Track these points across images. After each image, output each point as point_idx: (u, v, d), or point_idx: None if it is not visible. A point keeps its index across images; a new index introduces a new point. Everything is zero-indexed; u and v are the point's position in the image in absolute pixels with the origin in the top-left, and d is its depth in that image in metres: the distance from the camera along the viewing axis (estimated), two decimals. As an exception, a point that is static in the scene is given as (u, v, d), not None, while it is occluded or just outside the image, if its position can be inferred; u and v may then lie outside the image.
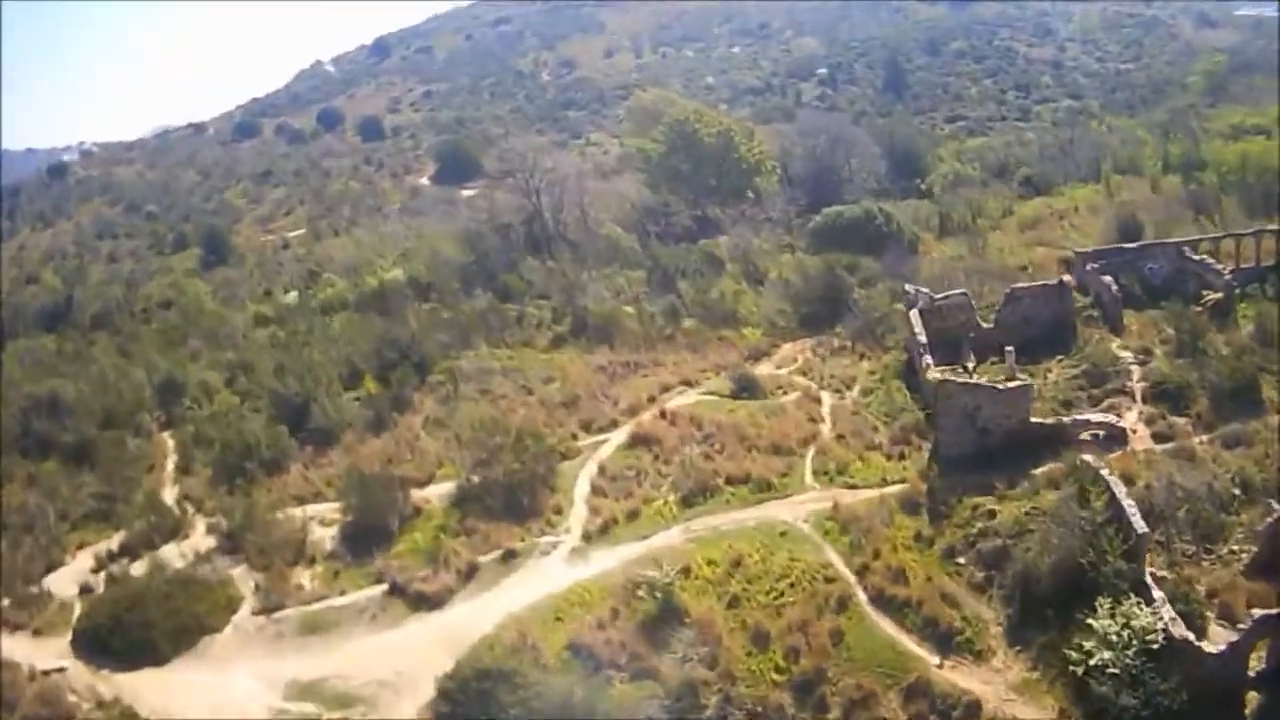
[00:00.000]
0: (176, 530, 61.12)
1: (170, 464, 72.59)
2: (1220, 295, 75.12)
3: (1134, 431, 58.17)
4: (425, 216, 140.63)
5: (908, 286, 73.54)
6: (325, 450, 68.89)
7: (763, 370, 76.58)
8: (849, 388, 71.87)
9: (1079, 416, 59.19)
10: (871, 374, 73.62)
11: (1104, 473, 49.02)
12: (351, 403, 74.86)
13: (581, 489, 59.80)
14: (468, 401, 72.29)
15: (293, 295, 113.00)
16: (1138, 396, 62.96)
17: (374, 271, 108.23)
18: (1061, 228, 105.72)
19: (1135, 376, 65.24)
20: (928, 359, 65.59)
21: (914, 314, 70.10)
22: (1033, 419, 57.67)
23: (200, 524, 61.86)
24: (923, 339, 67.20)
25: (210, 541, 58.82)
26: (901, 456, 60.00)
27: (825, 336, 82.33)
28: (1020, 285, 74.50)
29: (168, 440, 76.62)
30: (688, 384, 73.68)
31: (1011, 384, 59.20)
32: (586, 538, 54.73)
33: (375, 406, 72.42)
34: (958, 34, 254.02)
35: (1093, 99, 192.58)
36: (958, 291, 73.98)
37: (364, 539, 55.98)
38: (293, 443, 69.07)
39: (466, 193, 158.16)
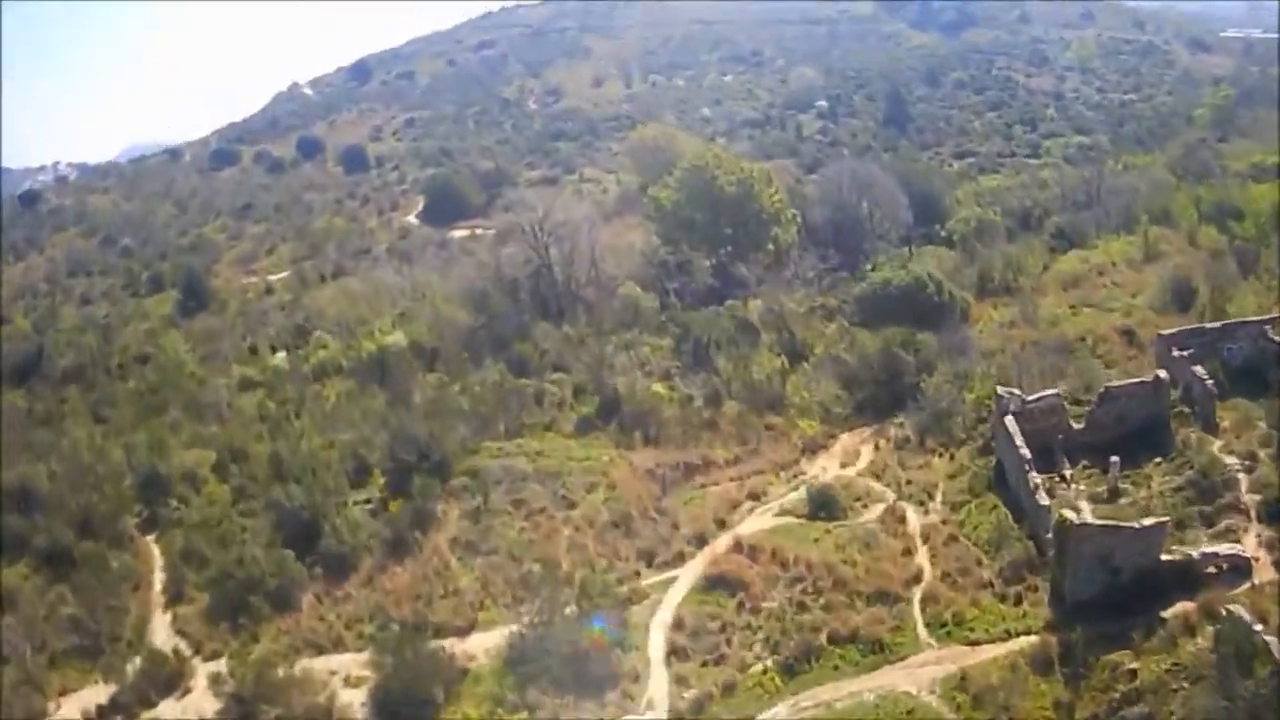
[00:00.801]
0: (174, 681, 52.30)
1: (158, 582, 63.38)
2: None
3: (1256, 560, 51.71)
4: (418, 263, 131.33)
5: (999, 389, 65.40)
6: (340, 579, 59.87)
7: (826, 467, 68.98)
8: (931, 497, 63.76)
9: (1206, 550, 52.03)
10: (952, 478, 65.64)
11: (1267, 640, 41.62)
12: (365, 515, 65.44)
13: (657, 647, 51.00)
14: (500, 516, 63.56)
15: (281, 356, 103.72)
16: (1252, 514, 56.22)
17: (370, 333, 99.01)
18: (1105, 287, 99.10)
19: (1244, 487, 58.55)
20: (1034, 478, 57.68)
21: (1010, 422, 62.13)
22: (1163, 555, 50.50)
23: (201, 674, 52.88)
24: (1026, 454, 59.22)
25: (215, 703, 49.95)
26: (1018, 600, 51.72)
27: (885, 425, 74.72)
28: (1115, 384, 66.78)
29: (153, 549, 67.32)
30: (754, 497, 64.98)
31: (1147, 522, 51.44)
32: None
33: (394, 524, 63.09)
34: (955, 63, 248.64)
35: (1101, 134, 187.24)
36: (1050, 393, 66.06)
37: (401, 708, 47.29)
38: (301, 568, 60.39)
39: (458, 233, 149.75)
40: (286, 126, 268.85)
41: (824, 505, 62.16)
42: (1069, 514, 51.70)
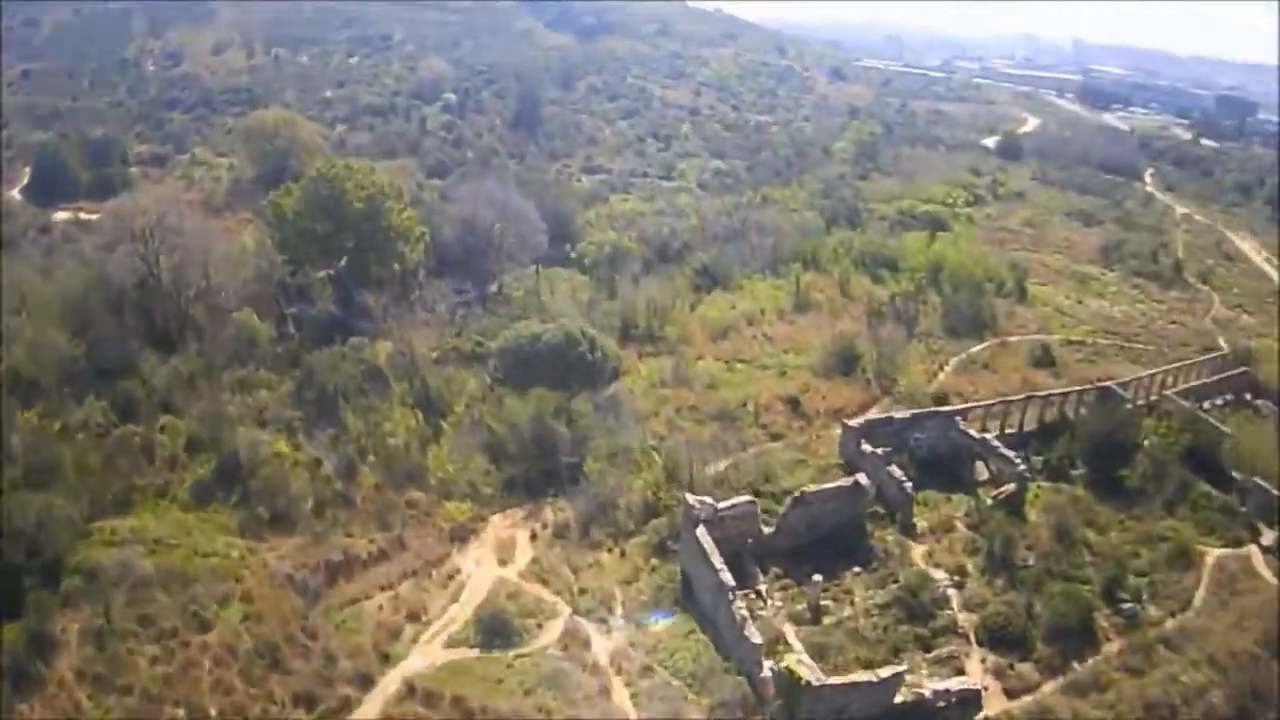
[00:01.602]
0: None
1: None
2: (1013, 487, 68.74)
3: (986, 689, 51.86)
4: (16, 254, 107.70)
5: (689, 498, 58.80)
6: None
7: (480, 561, 60.88)
8: (611, 610, 56.50)
9: (938, 687, 50.28)
10: (628, 583, 59.04)
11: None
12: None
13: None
14: (128, 639, 50.36)
15: None
16: (971, 638, 55.68)
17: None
18: (757, 339, 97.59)
19: (956, 604, 57.94)
20: (740, 611, 51.74)
21: (704, 536, 55.89)
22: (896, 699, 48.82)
23: None
24: (729, 580, 53.30)
25: None
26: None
27: (540, 505, 67.15)
28: (810, 489, 62.66)
29: None
30: (414, 618, 54.95)
31: (885, 673, 47.70)
32: None
33: (13, 654, 48.65)
34: (589, 68, 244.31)
35: (738, 159, 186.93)
36: (743, 500, 61.08)
37: None
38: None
39: (61, 215, 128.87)
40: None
41: (497, 631, 53.37)
42: (802, 672, 45.99)
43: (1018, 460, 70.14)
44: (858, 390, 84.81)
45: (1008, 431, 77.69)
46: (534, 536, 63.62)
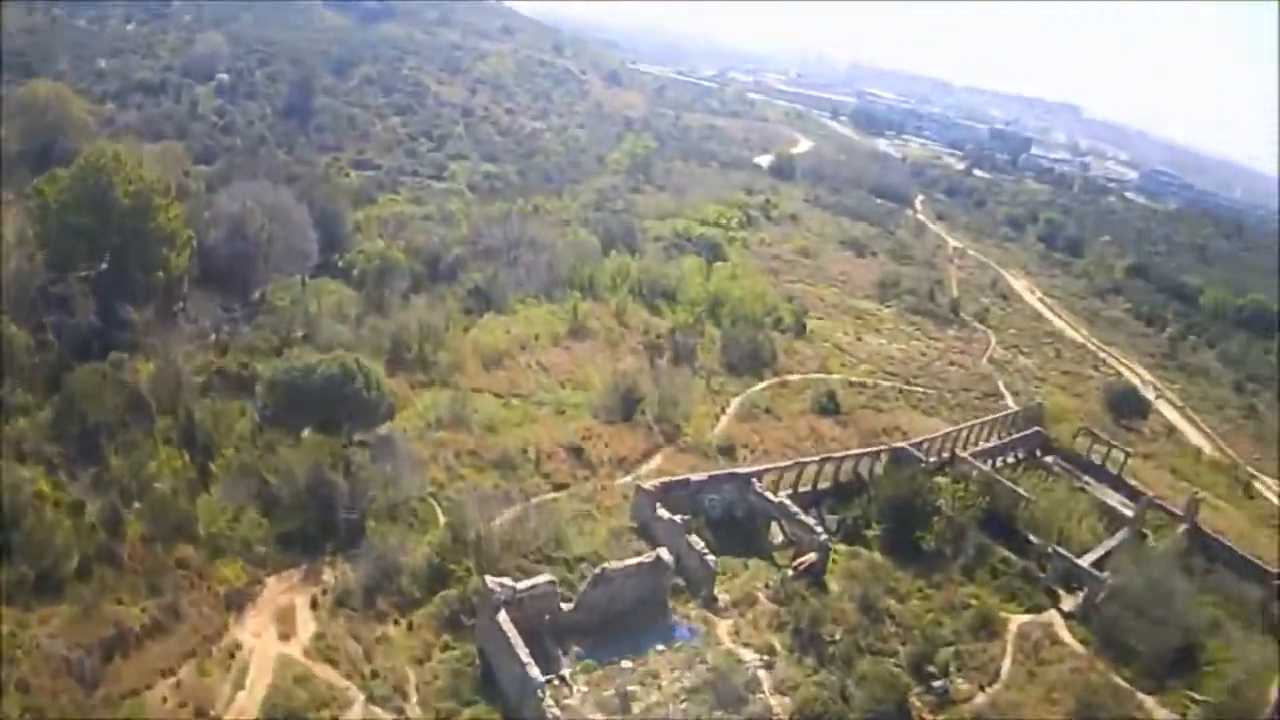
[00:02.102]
0: None
1: None
2: (814, 556, 67.34)
3: None
4: None
5: (489, 580, 54.09)
6: None
7: (261, 635, 54.59)
8: (406, 697, 51.59)
9: None
10: (420, 662, 54.23)
11: None
12: None
13: None
14: None
15: None
16: None
17: None
18: (533, 370, 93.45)
19: (768, 687, 55.67)
20: (552, 713, 47.65)
21: (505, 622, 51.67)
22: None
23: None
24: (537, 676, 49.21)
25: None
26: None
27: (318, 564, 61.19)
28: (612, 566, 58.99)
29: None
30: (202, 712, 47.89)
31: None
32: None
33: None
34: (365, 55, 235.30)
35: (509, 163, 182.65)
36: (543, 580, 56.85)
37: None
38: None
39: None
40: None
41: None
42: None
43: (818, 529, 68.71)
44: (640, 437, 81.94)
45: (801, 490, 76.41)
46: (315, 604, 57.80)
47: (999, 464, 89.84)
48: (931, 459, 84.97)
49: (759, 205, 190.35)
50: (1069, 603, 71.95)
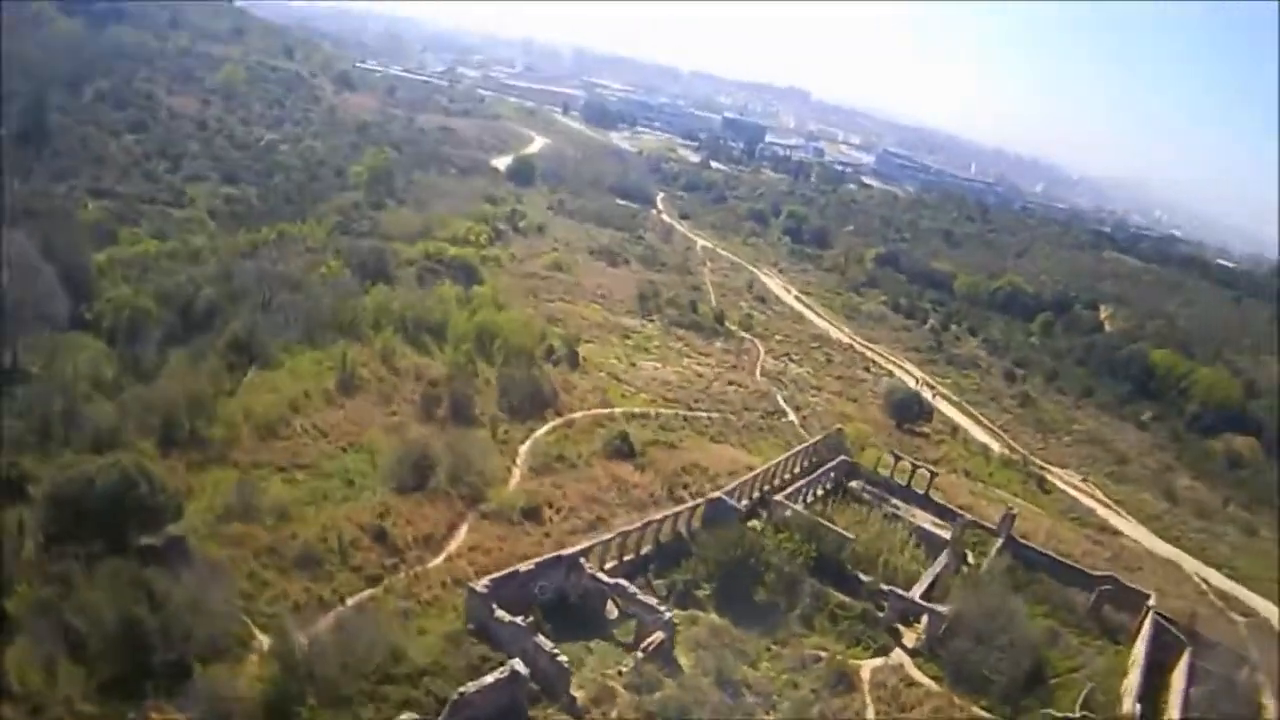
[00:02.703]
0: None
1: None
2: (661, 636, 63.20)
3: None
4: None
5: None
6: None
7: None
8: None
9: None
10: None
11: None
12: None
13: None
14: None
15: None
16: None
17: None
18: (309, 436, 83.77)
19: None
20: None
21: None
22: None
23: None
24: None
25: None
26: None
27: (144, 715, 52.72)
28: (468, 689, 52.33)
29: None
30: None
31: None
32: None
33: None
34: (99, 66, 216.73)
35: (249, 183, 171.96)
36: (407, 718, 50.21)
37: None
38: None
39: None
40: None
41: None
42: None
43: (660, 607, 64.45)
44: (440, 508, 75.13)
45: (626, 559, 72.05)
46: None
47: (810, 497, 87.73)
48: (744, 503, 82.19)
49: (505, 216, 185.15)
50: (911, 638, 71.29)
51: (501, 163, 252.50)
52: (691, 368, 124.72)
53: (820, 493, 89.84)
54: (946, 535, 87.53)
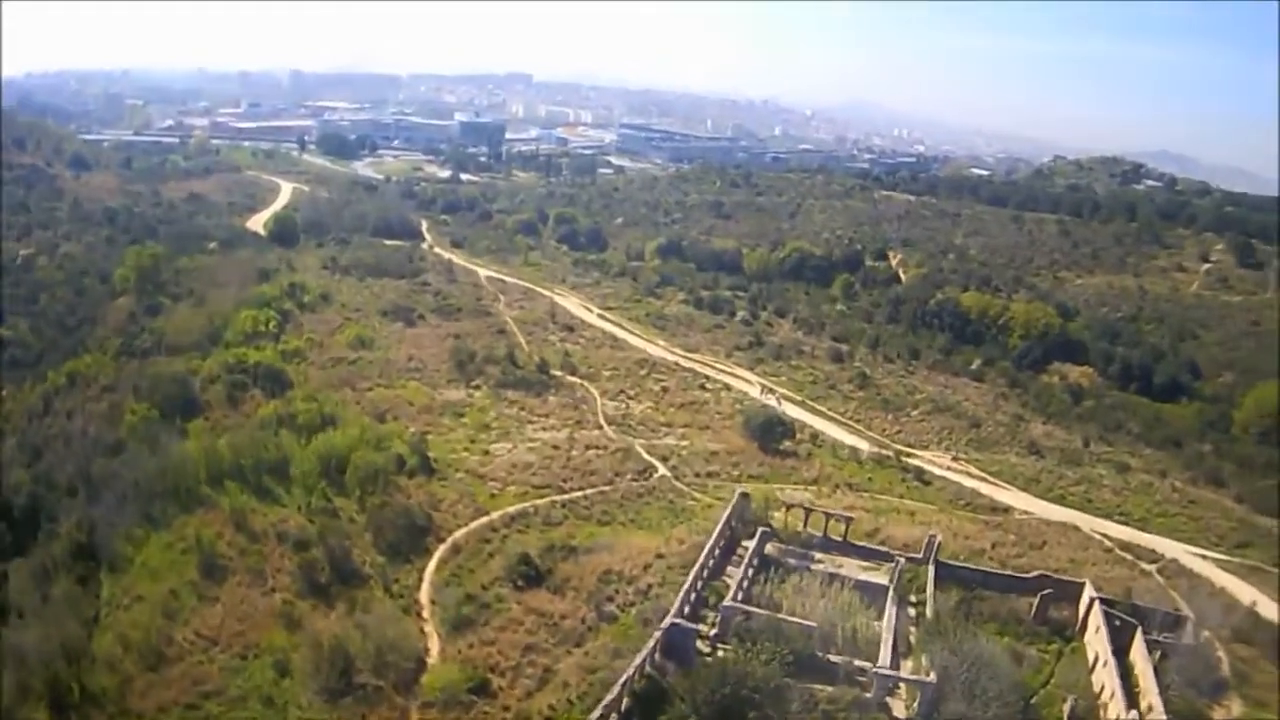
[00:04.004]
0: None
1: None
2: None
3: None
4: None
5: None
6: None
7: None
8: None
9: None
10: None
11: None
12: None
13: None
14: None
15: None
16: None
17: None
18: (198, 653, 74.60)
19: None
20: None
21: None
22: None
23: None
24: None
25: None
26: None
27: None
28: None
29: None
30: None
31: None
32: None
33: None
34: None
35: (18, 313, 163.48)
36: None
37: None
38: None
39: None
40: None
41: None
42: None
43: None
44: (384, 710, 67.73)
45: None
46: None
47: (745, 583, 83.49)
48: (694, 619, 77.21)
49: (286, 292, 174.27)
50: (900, 708, 69.65)
51: (259, 222, 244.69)
52: (540, 438, 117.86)
53: (750, 573, 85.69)
54: (882, 580, 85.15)
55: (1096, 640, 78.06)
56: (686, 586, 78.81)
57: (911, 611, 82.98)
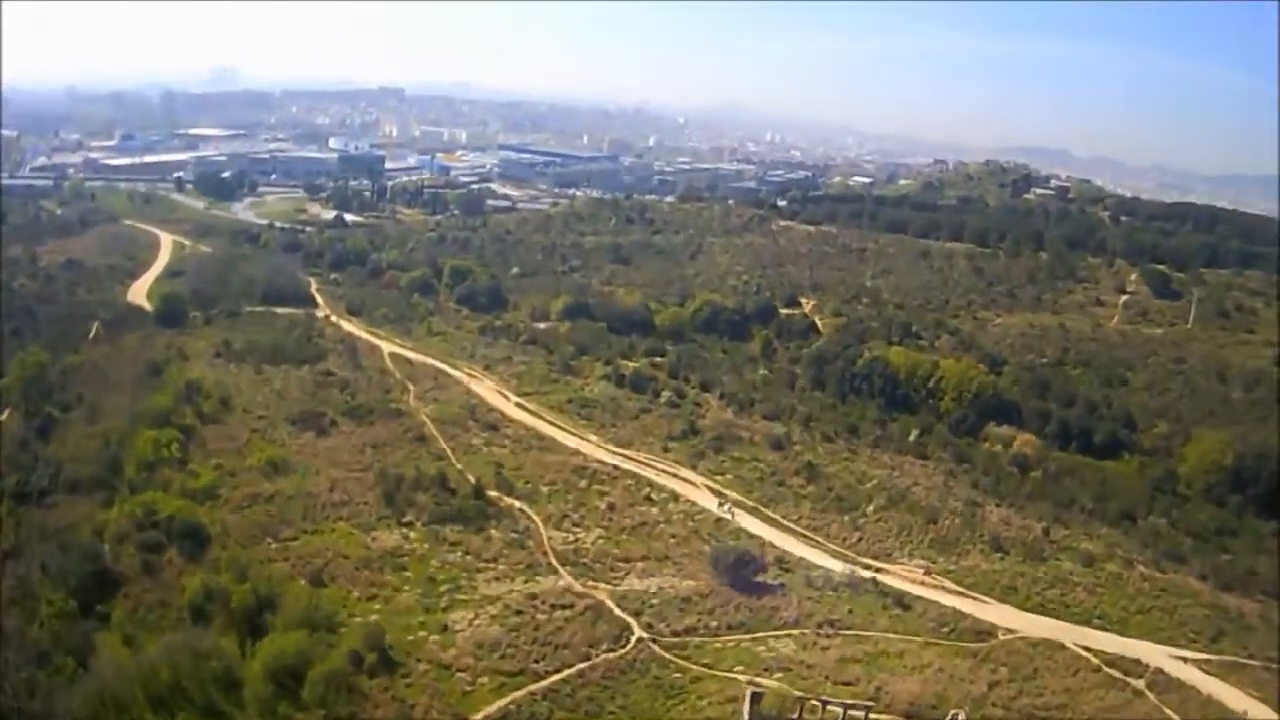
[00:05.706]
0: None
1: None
2: None
3: None
4: None
5: None
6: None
7: None
8: None
9: None
10: None
11: None
12: None
13: None
14: None
15: None
16: None
17: None
18: None
19: None
20: None
21: None
22: None
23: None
24: None
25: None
26: None
27: None
28: None
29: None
30: None
31: None
32: None
33: None
34: None
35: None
36: None
37: None
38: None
39: None
40: None
41: None
42: None
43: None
44: None
45: None
46: None
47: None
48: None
49: (182, 398, 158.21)
50: None
51: (141, 290, 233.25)
52: (496, 595, 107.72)
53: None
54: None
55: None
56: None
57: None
